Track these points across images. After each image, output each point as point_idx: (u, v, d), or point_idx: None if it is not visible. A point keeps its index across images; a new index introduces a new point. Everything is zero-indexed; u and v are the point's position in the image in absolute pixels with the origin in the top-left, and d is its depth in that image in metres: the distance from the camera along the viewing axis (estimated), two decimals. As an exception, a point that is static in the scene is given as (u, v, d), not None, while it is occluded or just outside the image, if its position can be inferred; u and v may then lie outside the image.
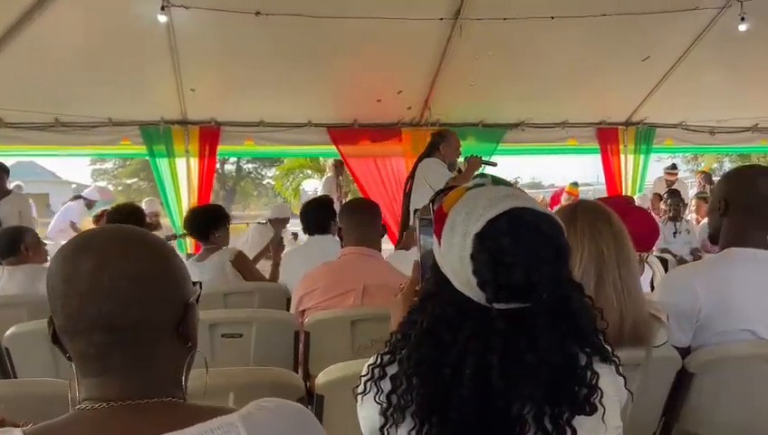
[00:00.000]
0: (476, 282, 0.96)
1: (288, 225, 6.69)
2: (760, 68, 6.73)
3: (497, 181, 1.16)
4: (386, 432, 1.04)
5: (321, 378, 1.61)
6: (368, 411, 1.08)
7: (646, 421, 1.70)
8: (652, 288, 2.55)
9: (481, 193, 1.05)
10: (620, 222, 1.61)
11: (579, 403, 0.98)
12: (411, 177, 4.73)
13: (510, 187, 1.12)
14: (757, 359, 1.68)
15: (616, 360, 1.06)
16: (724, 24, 6.08)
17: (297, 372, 2.44)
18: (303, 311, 2.47)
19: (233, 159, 26.86)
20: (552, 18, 5.64)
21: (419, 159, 4.76)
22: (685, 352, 1.75)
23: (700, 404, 1.74)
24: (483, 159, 4.70)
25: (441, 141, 4.71)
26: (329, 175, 8.15)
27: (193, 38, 5.60)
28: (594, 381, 1.00)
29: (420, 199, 4.11)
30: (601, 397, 1.00)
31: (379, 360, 1.09)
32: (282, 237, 3.86)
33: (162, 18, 5.19)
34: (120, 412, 0.83)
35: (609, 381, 1.04)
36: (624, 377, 1.08)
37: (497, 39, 5.92)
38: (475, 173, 4.37)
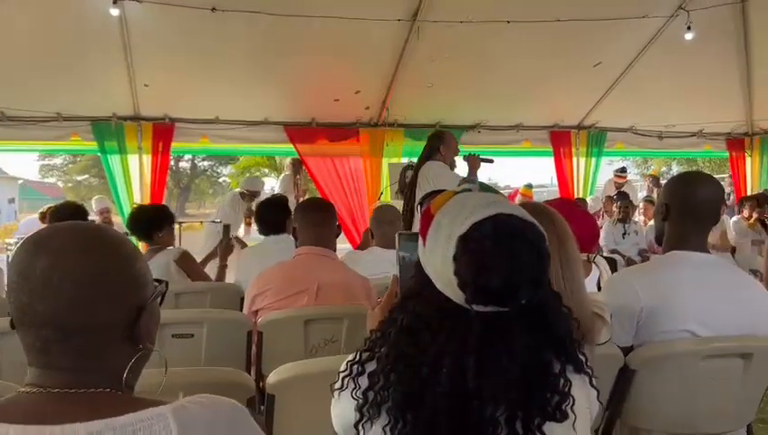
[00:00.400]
0: (457, 283, 0.98)
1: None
2: (704, 76, 7.00)
3: (485, 188, 1.19)
4: (360, 428, 1.05)
5: (272, 378, 1.61)
6: (344, 407, 1.09)
7: (590, 417, 1.76)
8: (599, 288, 2.63)
9: (468, 198, 1.08)
10: (564, 223, 1.65)
11: (550, 410, 1.00)
12: (413, 181, 4.64)
13: (496, 194, 1.14)
14: (694, 355, 1.75)
15: (589, 371, 1.09)
16: (672, 33, 6.30)
17: (250, 373, 2.43)
18: (257, 311, 2.45)
19: (188, 157, 26.41)
20: (508, 22, 5.75)
21: (420, 163, 4.70)
22: (627, 350, 1.81)
23: (641, 399, 1.81)
24: (480, 157, 4.72)
25: (440, 143, 4.67)
26: (286, 173, 8.08)
27: (146, 33, 5.49)
28: (567, 389, 1.02)
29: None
30: (573, 404, 1.02)
31: (358, 356, 1.10)
32: (230, 239, 3.81)
33: (114, 12, 5.07)
34: (54, 398, 0.85)
35: (582, 392, 1.06)
36: (597, 389, 1.10)
37: (454, 41, 5.99)
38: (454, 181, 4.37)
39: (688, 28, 6.04)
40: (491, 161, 4.84)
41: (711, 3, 5.99)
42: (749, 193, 8.07)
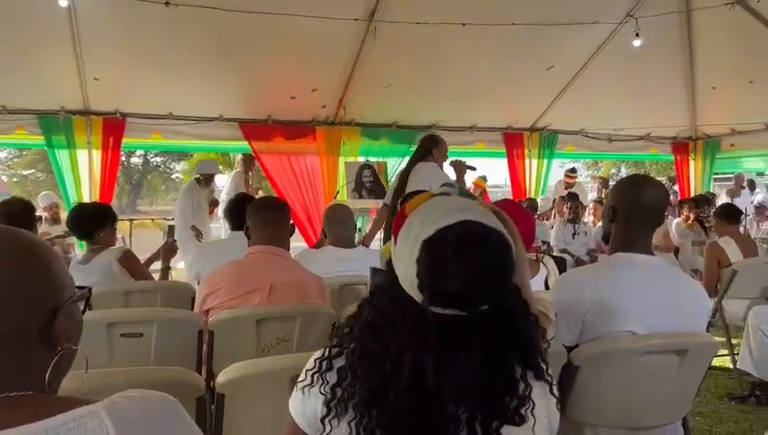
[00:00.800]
0: (417, 285, 1.00)
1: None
2: (651, 82, 7.24)
3: (463, 193, 1.20)
4: (327, 423, 1.06)
5: (222, 377, 1.61)
6: (311, 402, 1.09)
7: (535, 412, 1.81)
8: (546, 287, 2.70)
9: (441, 202, 1.10)
10: (510, 222, 1.70)
11: (508, 413, 1.02)
12: (404, 182, 4.67)
13: (472, 200, 1.16)
14: (634, 352, 1.82)
15: (549, 379, 1.11)
16: (621, 39, 6.50)
17: (201, 372, 2.41)
18: (208, 310, 2.43)
19: (140, 152, 25.79)
20: (464, 25, 5.83)
21: (411, 164, 4.75)
22: (571, 348, 1.87)
23: (584, 395, 1.87)
24: (466, 163, 4.83)
25: (434, 146, 4.76)
26: (237, 170, 7.95)
27: (97, 25, 5.36)
28: (527, 394, 1.04)
29: None
30: (532, 409, 1.04)
31: (327, 352, 1.11)
32: (174, 240, 3.75)
33: (63, 2, 4.94)
34: None
35: (542, 400, 1.08)
36: (557, 397, 1.13)
37: (411, 42, 6.04)
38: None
39: (637, 35, 6.24)
40: (474, 168, 4.99)
41: (658, 11, 6.21)
42: (693, 195, 8.38)
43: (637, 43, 6.27)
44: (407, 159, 7.65)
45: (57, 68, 5.78)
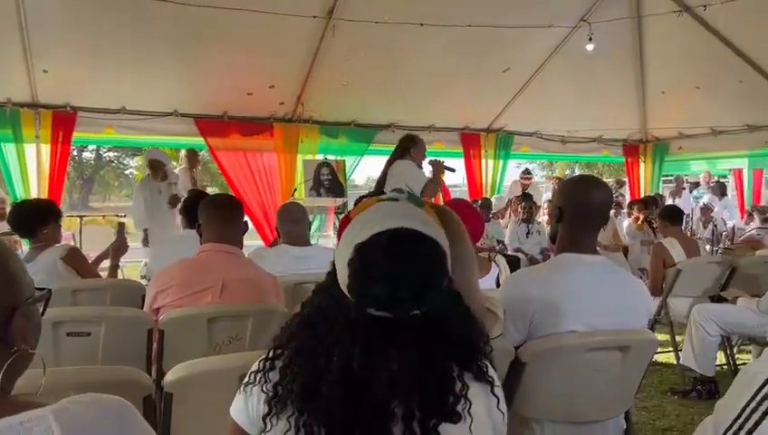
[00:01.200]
0: (347, 286, 1.04)
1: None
2: (603, 86, 7.43)
3: (412, 199, 1.22)
4: (269, 421, 1.07)
5: (170, 376, 1.59)
6: (254, 401, 1.10)
7: (483, 408, 1.85)
8: (498, 285, 2.75)
9: (384, 207, 1.13)
10: (459, 223, 1.73)
11: (444, 410, 1.04)
12: (382, 180, 4.80)
13: (418, 207, 1.18)
14: (579, 349, 1.88)
15: (491, 380, 1.13)
16: (575, 44, 6.65)
17: (150, 372, 2.37)
18: (158, 309, 2.40)
19: (92, 147, 25.08)
20: (422, 25, 5.87)
21: (390, 162, 4.84)
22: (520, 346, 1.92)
23: (531, 391, 1.92)
24: (444, 164, 4.91)
25: (412, 146, 4.85)
26: (182, 167, 7.65)
27: (46, 15, 5.19)
28: (463, 392, 1.06)
29: None
30: (470, 408, 1.06)
31: (270, 352, 1.13)
32: (125, 238, 3.66)
33: (10, -10, 4.78)
34: None
35: (481, 400, 1.10)
36: (498, 397, 1.14)
37: (369, 41, 6.06)
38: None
39: (590, 39, 6.39)
40: (453, 170, 5.07)
41: (610, 16, 6.38)
42: (642, 196, 8.64)
43: (590, 47, 6.43)
44: (365, 157, 7.80)
45: (3, 59, 5.58)
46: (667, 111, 8.14)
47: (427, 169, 4.94)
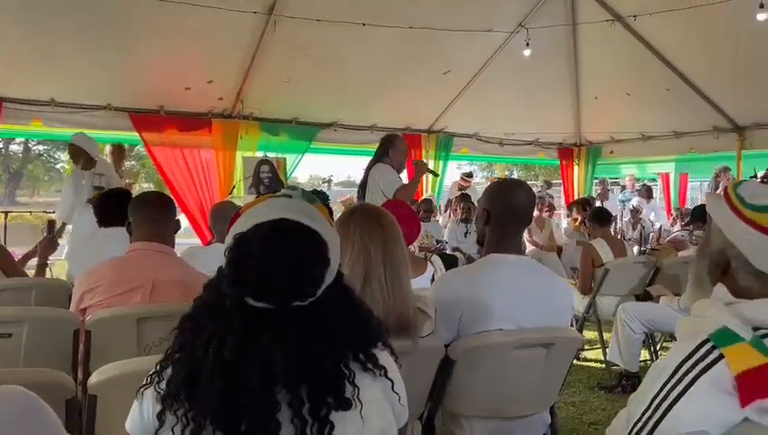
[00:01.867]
0: (224, 274, 1.06)
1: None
2: (540, 90, 7.65)
3: (306, 195, 1.24)
4: (163, 417, 1.07)
5: (94, 378, 1.56)
6: (147, 404, 1.10)
7: (413, 406, 1.88)
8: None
9: (273, 202, 1.15)
10: (393, 225, 1.76)
11: (334, 397, 1.06)
12: (364, 182, 4.77)
13: (307, 203, 1.19)
14: (506, 346, 1.94)
15: (382, 366, 1.15)
16: (513, 48, 6.82)
17: (77, 374, 2.30)
18: (85, 309, 2.32)
19: (20, 139, 23.95)
20: (364, 25, 5.89)
21: (371, 165, 4.78)
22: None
23: (460, 388, 1.97)
24: (427, 167, 4.96)
25: (390, 147, 4.77)
26: (107, 162, 7.38)
27: (-32, 0, 4.94)
28: (351, 379, 1.09)
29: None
30: (358, 393, 1.09)
31: (168, 352, 1.13)
32: (54, 236, 3.53)
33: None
34: None
35: (374, 386, 1.13)
36: (392, 381, 1.17)
37: (311, 39, 6.03)
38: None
39: (527, 44, 6.56)
40: (436, 175, 5.10)
41: (547, 23, 6.57)
42: (576, 198, 8.93)
43: (527, 52, 6.60)
44: (308, 155, 7.75)
45: None
46: (599, 116, 8.44)
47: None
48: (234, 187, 6.78)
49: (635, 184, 11.36)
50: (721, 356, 1.16)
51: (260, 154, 7.21)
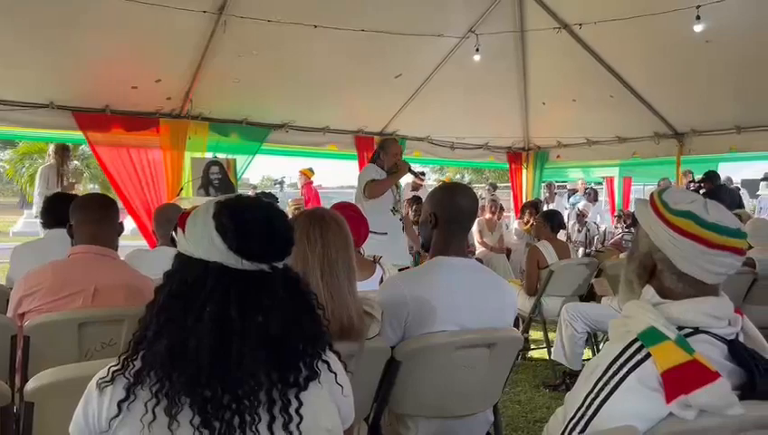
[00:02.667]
0: (220, 237, 1.11)
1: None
2: (490, 95, 7.77)
3: (266, 195, 1.32)
4: (126, 407, 1.08)
5: (31, 384, 1.52)
6: (105, 400, 1.10)
7: (359, 407, 1.90)
8: (382, 287, 2.83)
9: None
10: (338, 229, 1.78)
11: (308, 356, 1.16)
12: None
13: (271, 202, 1.29)
14: (449, 347, 1.98)
15: (334, 373, 1.23)
16: (463, 53, 6.91)
17: (14, 381, 2.24)
18: (24, 314, 2.26)
19: (-44, 137, 22.87)
20: (315, 27, 5.87)
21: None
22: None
23: (405, 388, 2.00)
24: (410, 168, 5.21)
25: (382, 150, 5.15)
26: (50, 163, 7.06)
27: None
28: (315, 363, 1.18)
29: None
30: (319, 377, 1.17)
31: (130, 347, 1.15)
32: None
33: None
34: None
35: (321, 388, 1.19)
36: (334, 373, 1.23)
37: (262, 39, 5.98)
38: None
39: (477, 50, 6.66)
40: (420, 177, 5.19)
41: (496, 29, 6.69)
42: (525, 201, 9.12)
43: (477, 57, 6.70)
44: (259, 156, 7.69)
45: None
46: (547, 121, 8.63)
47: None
48: (182, 188, 6.66)
49: (586, 188, 11.69)
50: (648, 355, 1.23)
51: (209, 155, 7.11)
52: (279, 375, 1.11)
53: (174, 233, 1.21)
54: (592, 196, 11.28)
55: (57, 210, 3.23)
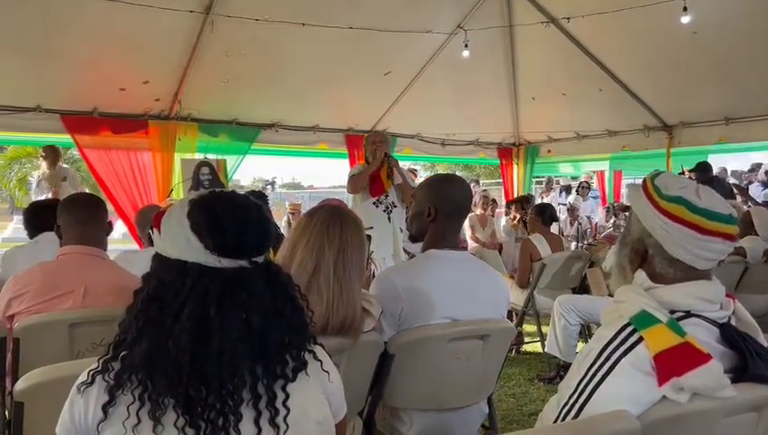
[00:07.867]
0: (195, 237, 1.09)
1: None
2: (479, 91, 7.78)
3: (256, 194, 1.30)
4: (113, 402, 1.06)
5: (21, 384, 1.50)
6: (89, 399, 1.09)
7: (353, 401, 1.89)
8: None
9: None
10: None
11: (294, 349, 1.15)
12: None
13: (262, 201, 1.27)
14: (443, 339, 1.98)
15: (320, 361, 1.22)
16: (452, 50, 6.91)
17: (4, 384, 2.22)
18: (12, 316, 2.23)
19: (-57, 143, 22.68)
20: (304, 25, 5.86)
21: None
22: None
23: (399, 381, 1.99)
24: (397, 165, 5.22)
25: (364, 147, 5.31)
26: (43, 170, 7.05)
27: None
28: (301, 353, 1.16)
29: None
30: (306, 369, 1.16)
31: (110, 350, 1.13)
32: None
33: None
34: None
35: (310, 379, 1.18)
36: (320, 361, 1.21)
37: (251, 39, 5.96)
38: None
39: (465, 46, 6.66)
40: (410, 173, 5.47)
41: (484, 24, 6.69)
42: (516, 196, 9.13)
43: (465, 53, 6.70)
44: (249, 157, 7.67)
45: None
46: (537, 116, 8.64)
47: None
48: (172, 189, 6.63)
49: (582, 182, 11.74)
50: (641, 339, 1.23)
51: (199, 156, 7.08)
52: (264, 369, 1.10)
53: (151, 232, 1.20)
54: (585, 190, 11.32)
55: (38, 217, 3.28)
